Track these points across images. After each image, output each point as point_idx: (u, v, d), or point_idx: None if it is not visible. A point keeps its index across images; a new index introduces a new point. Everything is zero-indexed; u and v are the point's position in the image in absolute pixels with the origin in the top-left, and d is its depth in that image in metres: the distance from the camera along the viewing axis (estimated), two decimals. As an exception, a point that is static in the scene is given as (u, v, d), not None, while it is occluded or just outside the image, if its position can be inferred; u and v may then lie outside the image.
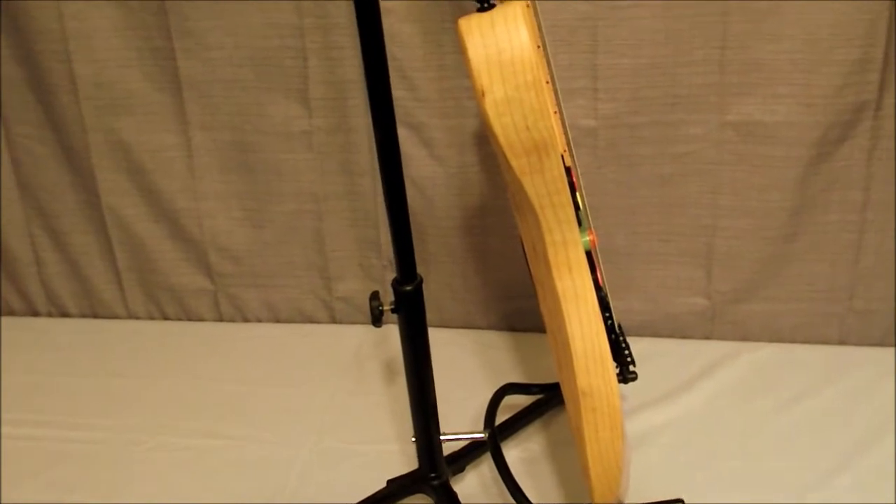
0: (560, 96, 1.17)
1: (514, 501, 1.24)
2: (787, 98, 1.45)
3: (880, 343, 1.58)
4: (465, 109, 1.53)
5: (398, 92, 1.49)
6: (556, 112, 1.10)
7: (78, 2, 1.57)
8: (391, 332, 1.24)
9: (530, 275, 1.28)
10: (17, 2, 1.57)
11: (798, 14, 1.39)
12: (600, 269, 1.12)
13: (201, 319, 1.82)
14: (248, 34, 1.54)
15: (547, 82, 1.07)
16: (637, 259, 1.60)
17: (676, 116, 1.48)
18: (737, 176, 1.51)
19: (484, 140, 1.54)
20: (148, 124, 1.65)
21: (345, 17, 1.49)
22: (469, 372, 1.61)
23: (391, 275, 1.13)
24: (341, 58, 1.53)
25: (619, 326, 1.19)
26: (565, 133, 1.16)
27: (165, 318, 1.83)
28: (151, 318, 1.83)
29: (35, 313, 1.88)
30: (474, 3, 0.95)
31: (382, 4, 1.06)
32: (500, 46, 0.92)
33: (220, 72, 1.58)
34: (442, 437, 1.23)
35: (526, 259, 1.27)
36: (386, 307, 1.12)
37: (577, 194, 1.06)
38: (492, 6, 0.95)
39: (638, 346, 1.25)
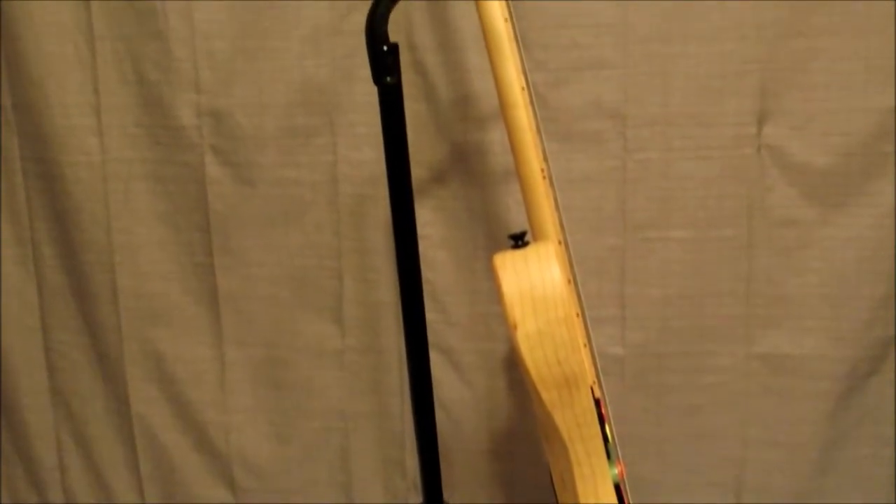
0: (589, 325, 1.19)
1: None
2: (814, 331, 1.47)
3: (920, 585, 1.53)
4: (496, 335, 1.56)
5: (430, 315, 1.51)
6: (585, 344, 1.12)
7: (126, 217, 1.64)
8: (414, 559, 1.22)
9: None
10: (69, 215, 1.65)
11: (824, 249, 1.44)
12: (628, 502, 1.10)
13: (220, 534, 1.79)
14: (287, 253, 1.59)
15: (577, 315, 1.09)
16: (665, 489, 1.57)
17: (704, 347, 1.50)
18: (766, 408, 1.51)
19: (513, 365, 1.56)
20: (184, 336, 1.68)
21: (382, 242, 1.55)
22: None
23: (415, 497, 1.12)
24: (376, 280, 1.57)
25: (649, 563, 1.16)
26: (594, 363, 1.18)
27: (184, 531, 1.80)
28: (170, 530, 1.81)
29: (54, 520, 1.86)
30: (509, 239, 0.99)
31: (418, 231, 1.12)
32: (533, 282, 0.96)
33: (258, 288, 1.62)
34: None
35: (553, 487, 1.26)
36: (410, 533, 1.10)
37: (606, 426, 1.06)
38: (526, 244, 0.99)
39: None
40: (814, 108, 1.40)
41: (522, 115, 1.09)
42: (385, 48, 1.05)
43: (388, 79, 1.06)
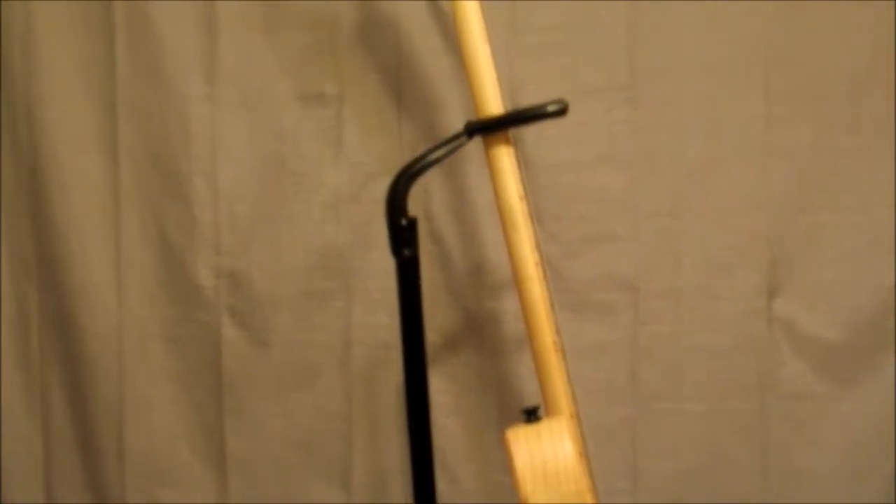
0: (600, 498, 1.18)
1: None
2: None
3: None
4: (506, 505, 1.54)
5: (440, 484, 1.49)
6: (597, 520, 1.10)
7: (139, 373, 1.64)
8: None
9: None
10: (82, 368, 1.66)
11: (837, 423, 1.43)
12: None
13: None
14: (297, 417, 1.59)
15: (589, 490, 1.09)
16: None
17: (718, 523, 1.47)
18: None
19: (523, 537, 1.53)
20: (189, 497, 1.65)
21: (392, 407, 1.55)
22: None
23: None
24: (386, 446, 1.56)
25: None
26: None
27: None
28: None
29: None
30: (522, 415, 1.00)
31: (430, 397, 1.12)
32: (546, 458, 0.96)
33: (266, 452, 1.61)
34: None
35: None
36: None
37: None
38: (538, 418, 0.99)
39: None
40: (822, 282, 1.42)
41: (536, 289, 1.11)
42: (404, 222, 1.09)
43: (406, 251, 1.09)
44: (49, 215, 1.62)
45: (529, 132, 1.40)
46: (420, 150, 1.20)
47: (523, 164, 1.17)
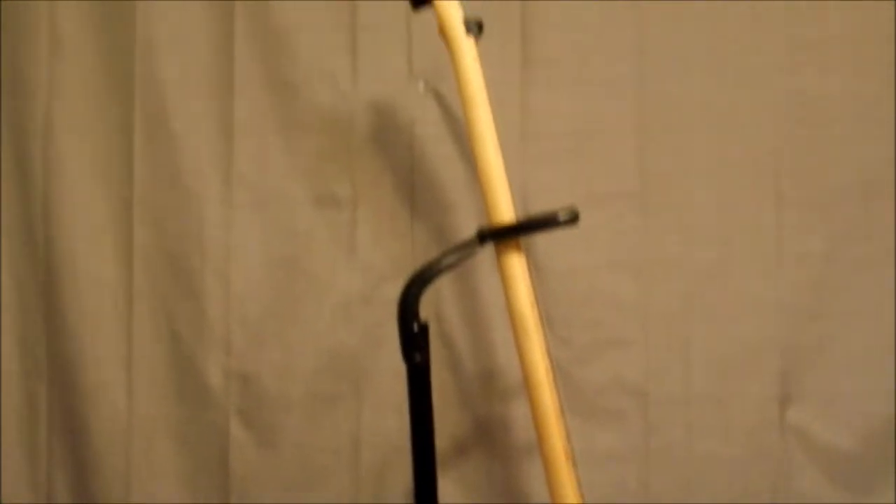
0: None
1: None
2: None
3: None
4: None
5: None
6: None
7: (146, 473, 1.62)
8: None
9: None
10: (88, 465, 1.64)
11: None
12: None
13: None
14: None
15: None
16: None
17: None
18: None
19: None
20: None
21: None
22: None
23: None
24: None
25: None
26: None
27: None
28: None
29: None
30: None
31: (439, 502, 1.10)
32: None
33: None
34: None
35: None
36: None
37: None
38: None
39: None
40: (835, 389, 1.42)
41: (546, 395, 1.11)
42: (416, 328, 1.09)
43: (418, 356, 1.09)
44: (62, 313, 1.63)
45: (540, 237, 1.41)
46: (432, 254, 1.21)
47: (534, 269, 1.19)
